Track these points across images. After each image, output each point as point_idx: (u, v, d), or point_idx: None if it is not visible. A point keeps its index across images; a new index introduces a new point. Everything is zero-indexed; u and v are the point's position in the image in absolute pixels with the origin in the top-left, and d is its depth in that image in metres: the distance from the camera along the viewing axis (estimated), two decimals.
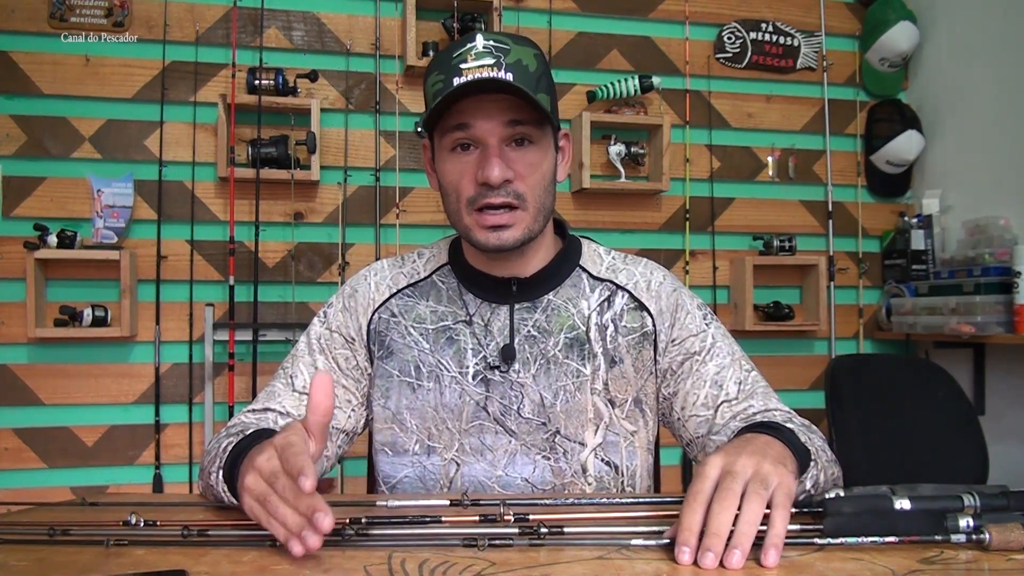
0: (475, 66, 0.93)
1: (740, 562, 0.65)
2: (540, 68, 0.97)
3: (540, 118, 0.97)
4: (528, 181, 0.98)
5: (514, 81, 0.93)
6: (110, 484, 2.44)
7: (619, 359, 1.06)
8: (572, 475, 1.03)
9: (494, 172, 0.94)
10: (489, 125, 0.96)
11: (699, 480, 0.71)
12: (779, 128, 2.99)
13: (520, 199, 0.97)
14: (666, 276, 1.12)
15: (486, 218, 0.97)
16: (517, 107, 0.96)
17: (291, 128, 2.54)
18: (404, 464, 1.05)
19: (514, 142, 0.97)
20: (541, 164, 0.99)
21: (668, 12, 2.90)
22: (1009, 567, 0.65)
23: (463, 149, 0.98)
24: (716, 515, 0.67)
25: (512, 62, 0.94)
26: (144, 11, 2.51)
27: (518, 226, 0.98)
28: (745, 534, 0.66)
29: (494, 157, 0.95)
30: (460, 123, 0.96)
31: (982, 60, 2.75)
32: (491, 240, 0.98)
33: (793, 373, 2.94)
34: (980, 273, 2.50)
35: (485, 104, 0.95)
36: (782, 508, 0.68)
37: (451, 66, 0.95)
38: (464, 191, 0.98)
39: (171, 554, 0.69)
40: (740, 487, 0.69)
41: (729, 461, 0.71)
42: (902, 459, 2.24)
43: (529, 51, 0.97)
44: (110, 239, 2.39)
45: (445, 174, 1.01)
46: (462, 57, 0.94)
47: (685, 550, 0.66)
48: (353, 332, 1.09)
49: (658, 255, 2.83)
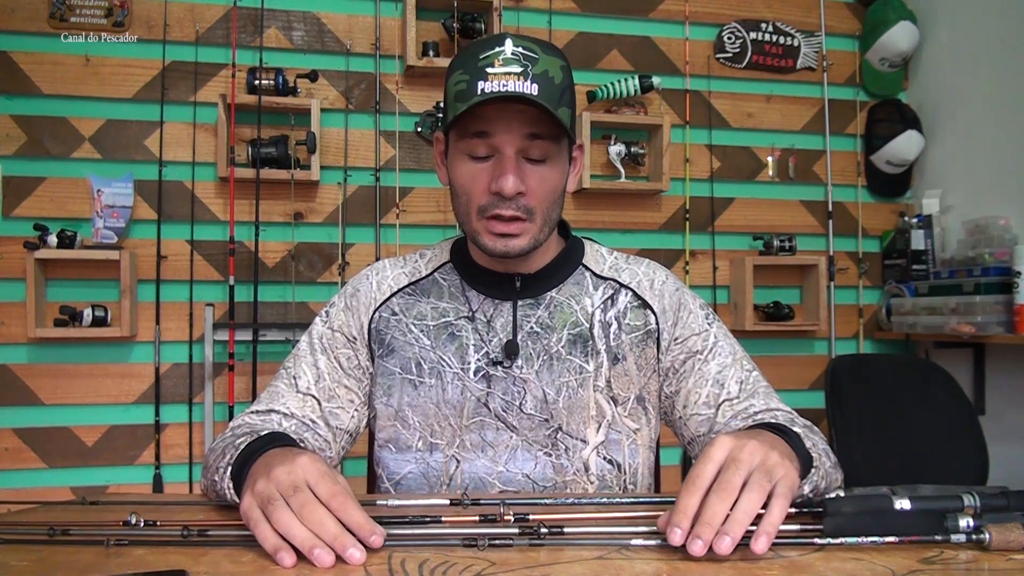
0: (501, 72, 0.92)
1: (729, 548, 0.65)
2: (565, 80, 0.97)
3: (558, 132, 0.98)
4: (539, 195, 0.99)
5: (539, 94, 0.92)
6: (110, 484, 2.44)
7: (622, 356, 1.06)
8: (574, 472, 1.03)
9: (508, 184, 0.95)
10: (508, 136, 0.96)
11: (703, 462, 0.70)
12: (779, 128, 2.99)
13: (530, 213, 0.98)
14: (668, 276, 1.13)
15: (495, 225, 0.98)
16: (537, 121, 0.95)
17: (291, 128, 2.54)
18: (407, 461, 1.05)
19: (530, 158, 0.97)
20: (554, 179, 1.00)
21: (668, 12, 2.90)
22: (1009, 567, 0.65)
23: (479, 157, 0.98)
24: (712, 505, 0.67)
25: (539, 73, 0.93)
26: (144, 11, 2.51)
27: (525, 236, 0.99)
28: (739, 522, 0.66)
29: (510, 168, 0.95)
30: (480, 131, 0.96)
31: (982, 60, 2.75)
32: (498, 247, 0.99)
33: (793, 373, 2.94)
34: (980, 273, 2.50)
35: (506, 114, 0.95)
36: (782, 498, 0.68)
37: (476, 67, 0.94)
38: (476, 198, 0.99)
39: (171, 554, 0.69)
40: (742, 478, 0.69)
41: (737, 446, 0.71)
42: (902, 459, 2.24)
43: (557, 62, 0.96)
44: (110, 239, 2.39)
45: (458, 176, 1.01)
46: (489, 60, 0.93)
47: (677, 531, 0.66)
48: (355, 331, 1.09)
49: (658, 255, 2.82)
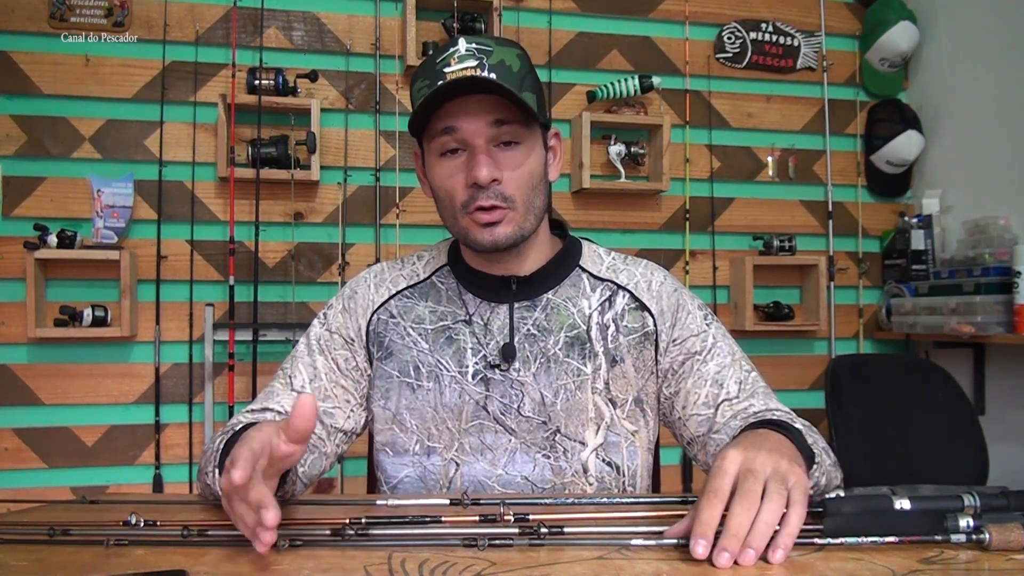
0: (458, 69, 0.94)
1: (753, 560, 0.65)
2: (524, 68, 0.98)
3: (526, 117, 0.98)
4: (515, 181, 0.99)
5: (496, 79, 0.93)
6: (110, 484, 2.44)
7: (620, 359, 1.06)
8: (572, 474, 1.03)
9: (482, 172, 0.95)
10: (475, 126, 0.96)
11: (719, 476, 0.70)
12: (779, 128, 2.99)
13: (508, 200, 0.98)
14: (667, 277, 1.13)
15: (479, 217, 0.98)
16: (502, 107, 0.96)
17: (291, 128, 2.54)
18: (405, 464, 1.05)
19: (501, 143, 0.98)
20: (528, 163, 1.00)
21: (668, 12, 2.90)
22: (1009, 567, 0.65)
23: (451, 153, 0.99)
24: (737, 515, 0.67)
25: (495, 63, 0.95)
26: (144, 11, 2.51)
27: (508, 223, 0.99)
28: (762, 534, 0.66)
29: (482, 156, 0.96)
30: (447, 127, 0.97)
31: (982, 60, 2.75)
32: (486, 238, 0.99)
33: (793, 373, 2.94)
34: (980, 273, 2.50)
35: (470, 105, 0.96)
36: (799, 506, 0.68)
37: (435, 71, 0.96)
38: (457, 196, 0.99)
39: (171, 554, 0.69)
40: (760, 487, 0.69)
41: (748, 458, 0.71)
42: (902, 459, 2.24)
43: (512, 51, 0.99)
44: (110, 239, 2.39)
45: (436, 178, 1.02)
46: (445, 61, 0.96)
47: (702, 542, 0.66)
48: (352, 333, 1.09)
49: (658, 255, 2.83)
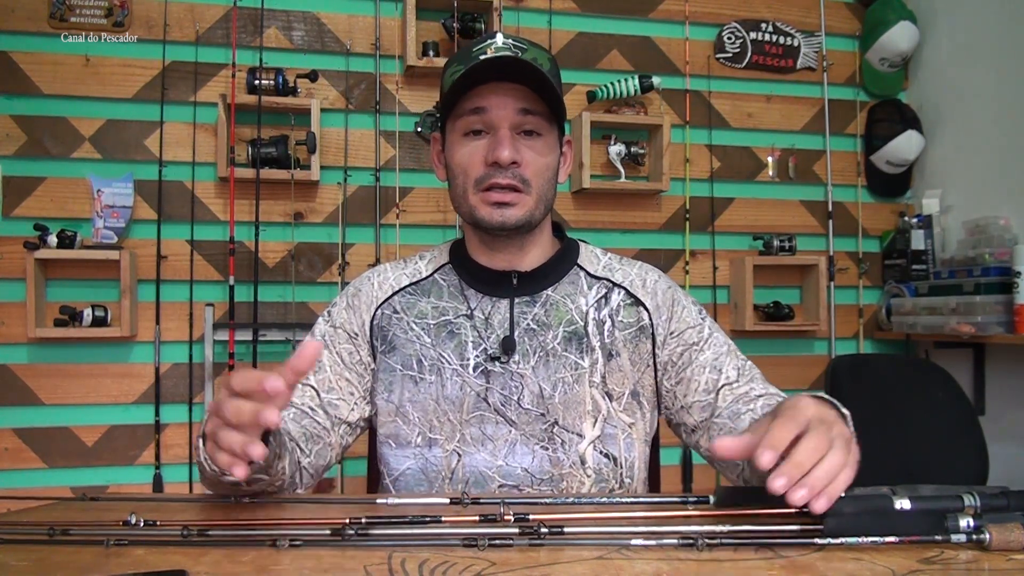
0: (494, 56, 1.01)
1: (803, 501, 0.66)
2: (553, 71, 1.06)
3: (549, 114, 1.04)
4: (533, 168, 1.04)
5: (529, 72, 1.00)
6: (110, 484, 2.44)
7: (616, 353, 1.09)
8: (570, 466, 1.05)
9: (504, 152, 1.00)
10: (503, 111, 1.02)
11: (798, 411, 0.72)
12: (779, 128, 2.99)
13: (525, 184, 1.03)
14: (660, 276, 1.17)
15: (491, 195, 1.03)
16: (530, 98, 1.02)
17: (291, 128, 2.54)
18: (407, 456, 1.08)
19: (524, 132, 1.04)
20: (547, 155, 1.06)
21: (668, 12, 2.89)
22: (1009, 567, 0.65)
23: (475, 135, 1.04)
24: (806, 449, 0.68)
25: (529, 59, 1.01)
26: (144, 11, 2.50)
27: (521, 206, 1.04)
28: (822, 475, 0.67)
29: (506, 138, 1.01)
30: (476, 107, 1.02)
31: (982, 60, 2.75)
32: (495, 217, 1.03)
33: (793, 373, 2.93)
34: (980, 273, 2.50)
35: (500, 90, 1.01)
36: (851, 469, 0.70)
37: (470, 58, 1.02)
38: (473, 172, 1.04)
39: (171, 554, 0.69)
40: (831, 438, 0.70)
41: (823, 411, 0.74)
42: (902, 459, 2.23)
43: (544, 54, 1.06)
44: (110, 239, 2.39)
45: (455, 156, 1.06)
46: (482, 50, 1.02)
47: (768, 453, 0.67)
48: (356, 328, 1.12)
49: (658, 255, 2.83)
